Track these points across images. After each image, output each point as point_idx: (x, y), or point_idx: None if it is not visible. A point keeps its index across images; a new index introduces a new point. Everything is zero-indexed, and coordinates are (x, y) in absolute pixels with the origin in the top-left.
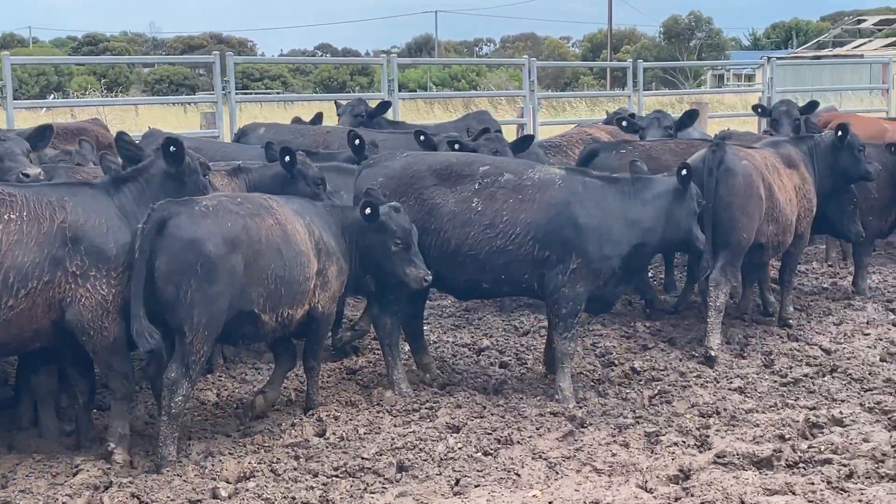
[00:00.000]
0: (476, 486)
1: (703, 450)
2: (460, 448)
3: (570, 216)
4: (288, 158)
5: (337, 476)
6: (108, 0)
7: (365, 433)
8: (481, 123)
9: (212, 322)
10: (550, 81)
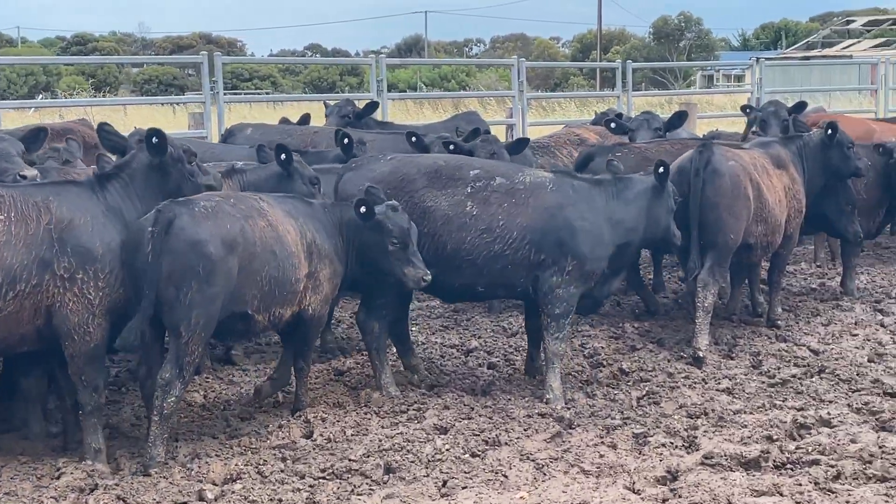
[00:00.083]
0: (463, 488)
1: (690, 451)
2: (448, 449)
3: (564, 219)
4: (284, 156)
5: (324, 478)
6: (96, 0)
7: (352, 435)
8: (470, 124)
9: (208, 323)
10: (540, 82)
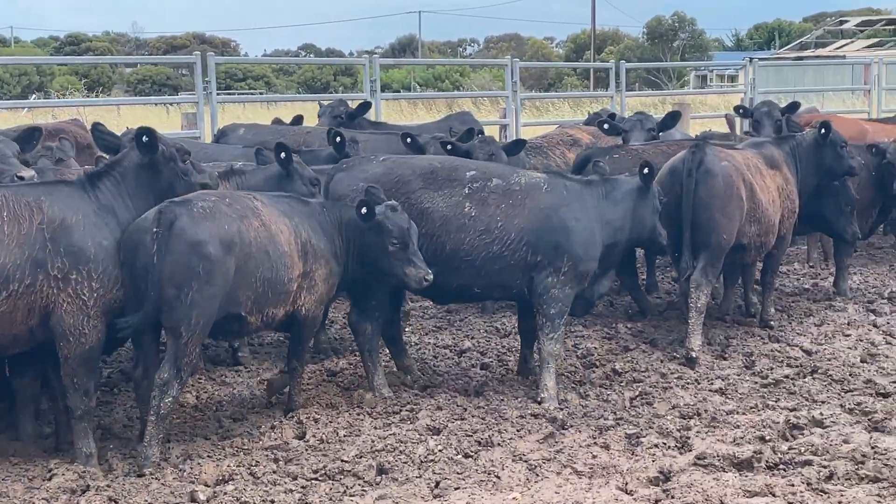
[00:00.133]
0: (456, 489)
1: (683, 451)
2: (440, 450)
3: (559, 220)
4: (284, 155)
5: (316, 479)
6: (90, 0)
7: (345, 435)
8: (463, 124)
9: (207, 324)
10: (534, 82)
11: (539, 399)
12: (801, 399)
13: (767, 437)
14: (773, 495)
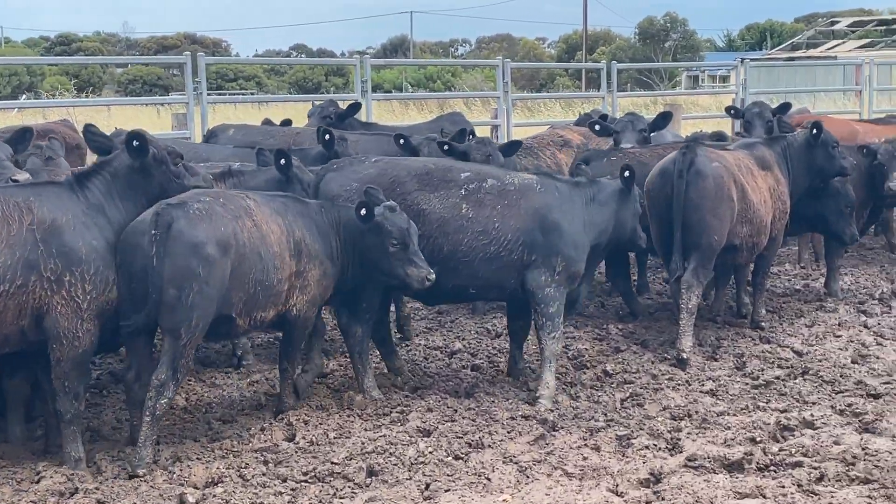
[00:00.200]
0: (446, 491)
1: (674, 453)
2: (431, 452)
3: (553, 220)
4: (283, 161)
5: (306, 481)
6: (81, 0)
7: (335, 437)
8: (454, 125)
9: (205, 326)
10: (526, 83)
11: (537, 395)
12: (791, 400)
13: (758, 439)
14: (764, 497)
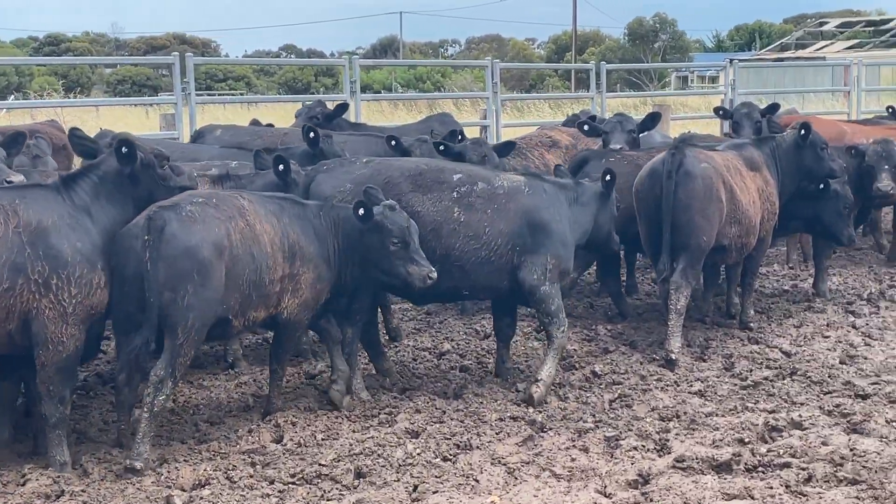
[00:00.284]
0: (434, 493)
1: (662, 454)
2: (419, 454)
3: (541, 221)
4: (282, 167)
5: (294, 483)
6: (70, 0)
7: (323, 439)
8: (443, 125)
9: (203, 327)
10: (516, 83)
11: (537, 377)
12: (780, 401)
13: (746, 440)
14: (752, 498)
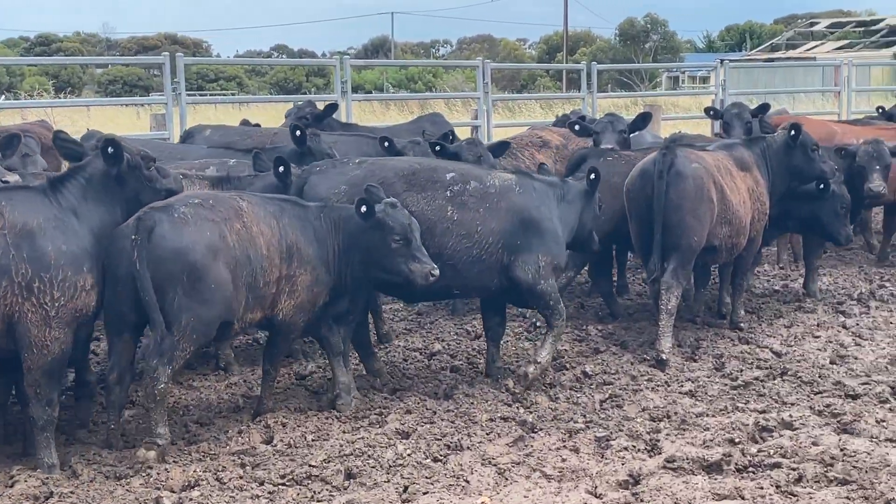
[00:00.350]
0: (424, 493)
1: (653, 454)
2: (409, 454)
3: (532, 219)
4: (282, 169)
5: (284, 484)
6: (61, 0)
7: (313, 440)
8: (434, 125)
9: (199, 325)
10: (507, 83)
11: (535, 358)
12: (770, 401)
13: (737, 440)
14: (742, 498)
